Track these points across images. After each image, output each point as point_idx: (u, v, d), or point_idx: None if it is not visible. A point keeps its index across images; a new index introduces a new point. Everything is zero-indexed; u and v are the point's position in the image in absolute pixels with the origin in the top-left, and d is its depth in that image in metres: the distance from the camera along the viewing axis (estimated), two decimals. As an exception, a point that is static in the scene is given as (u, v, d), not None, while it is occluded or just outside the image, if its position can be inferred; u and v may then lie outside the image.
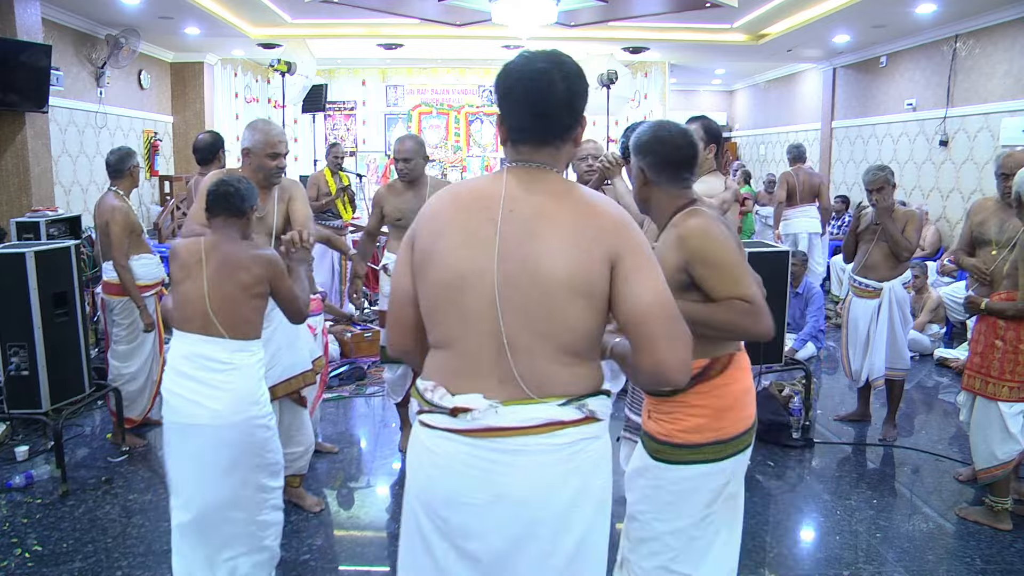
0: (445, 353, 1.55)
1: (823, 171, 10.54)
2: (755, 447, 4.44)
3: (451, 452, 1.51)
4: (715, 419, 1.95)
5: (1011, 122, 6.94)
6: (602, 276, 1.46)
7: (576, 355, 1.50)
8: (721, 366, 1.98)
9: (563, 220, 1.47)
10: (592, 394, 1.53)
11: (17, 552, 3.14)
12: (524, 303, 1.45)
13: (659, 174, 2.01)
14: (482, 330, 1.48)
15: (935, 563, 3.13)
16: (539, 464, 1.49)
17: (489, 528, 1.51)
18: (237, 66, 10.79)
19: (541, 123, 1.52)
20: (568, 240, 1.45)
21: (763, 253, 4.24)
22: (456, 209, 1.54)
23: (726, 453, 1.96)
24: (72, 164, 7.82)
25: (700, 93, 14.56)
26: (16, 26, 6.32)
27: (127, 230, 4.14)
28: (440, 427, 1.53)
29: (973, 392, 3.44)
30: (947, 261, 7.17)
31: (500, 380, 1.48)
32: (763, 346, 4.24)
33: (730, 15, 8.04)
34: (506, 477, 1.49)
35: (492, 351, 1.48)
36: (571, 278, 1.44)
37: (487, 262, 1.46)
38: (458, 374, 1.52)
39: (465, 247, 1.49)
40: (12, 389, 3.71)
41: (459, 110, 11.97)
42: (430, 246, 1.53)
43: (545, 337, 1.47)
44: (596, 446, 1.55)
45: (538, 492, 1.49)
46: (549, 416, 1.48)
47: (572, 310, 1.46)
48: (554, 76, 1.48)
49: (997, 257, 3.50)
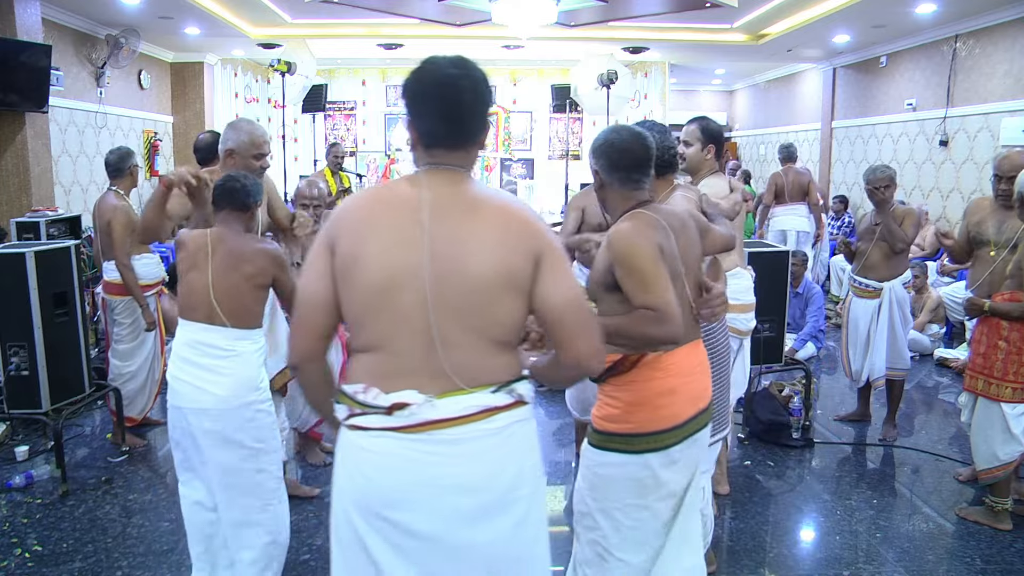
0: (375, 355, 1.58)
1: (823, 171, 10.55)
2: (755, 447, 4.47)
3: (390, 450, 1.54)
4: (626, 412, 2.06)
5: (1011, 122, 6.93)
6: (526, 272, 1.54)
7: (504, 345, 1.59)
8: (630, 363, 2.06)
9: (488, 219, 1.55)
10: (518, 379, 1.61)
11: (17, 552, 3.15)
12: (455, 300, 1.51)
13: (610, 176, 2.11)
14: (414, 329, 1.53)
15: (935, 563, 3.13)
16: (478, 451, 1.55)
17: (434, 521, 1.54)
18: (237, 66, 10.78)
19: (452, 128, 1.58)
20: (495, 238, 1.53)
21: (763, 253, 4.24)
22: (379, 213, 1.57)
23: (640, 447, 2.04)
24: (72, 164, 7.82)
25: (700, 93, 14.55)
26: (16, 26, 6.31)
27: (129, 229, 4.16)
28: (376, 427, 1.55)
29: (975, 393, 3.44)
30: (947, 261, 7.18)
31: (432, 376, 1.53)
32: (763, 346, 4.25)
33: (730, 15, 8.04)
34: (448, 468, 1.53)
35: (423, 348, 1.53)
36: (499, 274, 1.51)
37: (418, 262, 1.51)
38: (389, 374, 1.55)
39: (395, 249, 1.52)
40: (12, 389, 3.71)
41: (459, 110, 11.96)
42: (356, 250, 1.54)
43: (476, 331, 1.54)
44: (527, 428, 1.64)
45: (480, 478, 1.55)
46: (483, 403, 1.55)
47: (501, 305, 1.54)
48: (463, 82, 1.55)
49: (996, 258, 3.49)
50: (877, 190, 4.30)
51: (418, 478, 1.53)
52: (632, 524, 2.11)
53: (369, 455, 1.56)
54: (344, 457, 1.61)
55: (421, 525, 1.55)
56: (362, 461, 1.58)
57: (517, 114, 12.09)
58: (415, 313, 1.52)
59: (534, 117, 12.12)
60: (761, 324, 4.22)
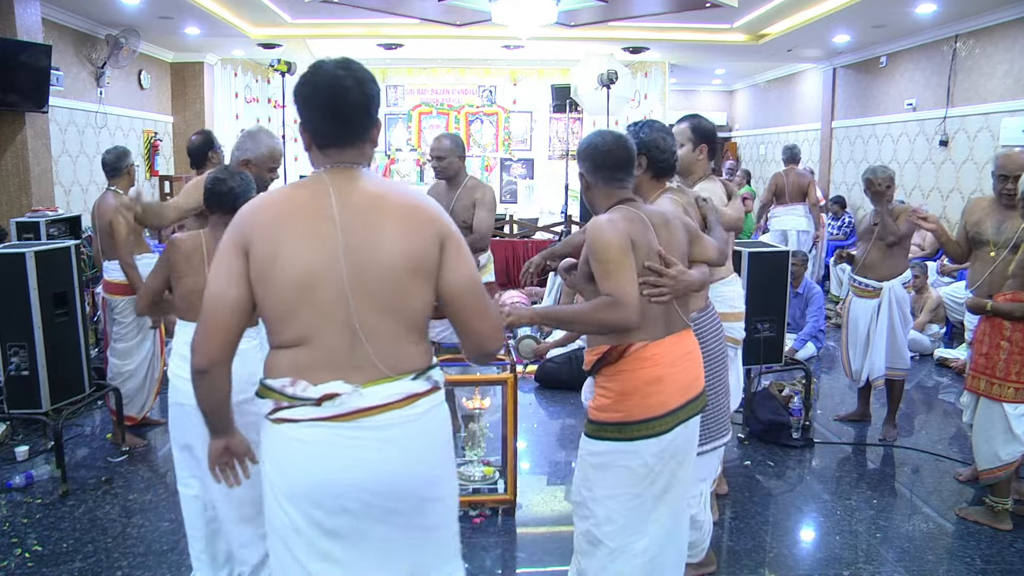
0: (299, 349, 1.63)
1: (823, 171, 10.55)
2: (755, 447, 4.47)
3: (321, 439, 1.61)
4: (618, 401, 2.14)
5: (1011, 122, 6.93)
6: (433, 256, 1.64)
7: (418, 332, 1.69)
8: (618, 354, 2.14)
9: (393, 210, 1.64)
10: (432, 367, 1.73)
11: (17, 552, 3.15)
12: (372, 289, 1.60)
13: (595, 176, 2.21)
14: (336, 321, 1.60)
15: (935, 563, 3.13)
16: (403, 435, 1.64)
17: (364, 502, 1.63)
18: (237, 66, 10.78)
19: (341, 127, 1.65)
20: (402, 226, 1.62)
21: (763, 253, 4.24)
22: (289, 213, 1.62)
23: (632, 435, 2.12)
24: (72, 164, 7.82)
25: (700, 93, 14.55)
26: (16, 26, 6.31)
27: (130, 228, 4.16)
28: (306, 418, 1.61)
29: (977, 393, 3.42)
30: (947, 261, 7.18)
31: (356, 366, 1.61)
32: (763, 346, 4.25)
33: (730, 15, 8.04)
34: (376, 452, 1.62)
35: (347, 340, 1.61)
36: (409, 260, 1.61)
37: (333, 257, 1.58)
38: (315, 366, 1.61)
39: (310, 245, 1.59)
40: (12, 389, 3.71)
41: (459, 110, 11.97)
42: (272, 250, 1.59)
43: (393, 318, 1.63)
44: (441, 412, 1.75)
45: (405, 461, 1.65)
46: (406, 390, 1.64)
47: (412, 288, 1.63)
48: (348, 82, 1.61)
49: (996, 258, 3.48)
50: (877, 188, 4.31)
51: (348, 463, 1.61)
52: (625, 512, 2.17)
53: (300, 445, 1.62)
54: (272, 450, 1.66)
55: (352, 507, 1.62)
56: (293, 452, 1.63)
57: (517, 114, 12.10)
58: (336, 306, 1.59)
59: (534, 117, 12.12)
60: (761, 324, 4.22)
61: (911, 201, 8.26)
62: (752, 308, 4.18)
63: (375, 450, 1.62)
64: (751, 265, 4.16)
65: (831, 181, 10.46)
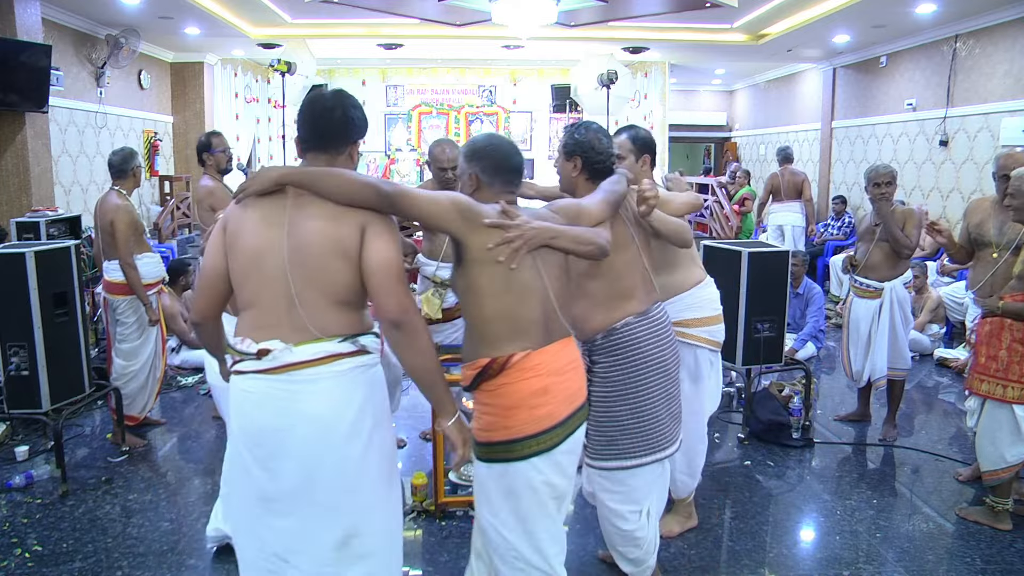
0: (250, 311, 1.97)
1: (823, 171, 10.56)
2: (755, 447, 4.46)
3: (260, 389, 1.93)
4: (503, 417, 2.05)
5: (1011, 122, 6.93)
6: (354, 240, 1.90)
7: (346, 303, 1.95)
8: (499, 366, 2.05)
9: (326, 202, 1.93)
10: (363, 333, 1.98)
11: (17, 552, 3.14)
12: (305, 264, 1.90)
13: (492, 177, 2.17)
14: (277, 290, 1.92)
15: (935, 563, 3.13)
16: (327, 388, 1.92)
17: (295, 446, 1.91)
18: (237, 66, 10.78)
19: (319, 137, 2.02)
20: (332, 215, 1.91)
21: (763, 253, 4.24)
22: (257, 200, 1.98)
23: (524, 452, 2.04)
24: (72, 164, 7.82)
25: (700, 93, 14.55)
26: (16, 26, 6.32)
27: (131, 228, 4.17)
28: (250, 370, 1.94)
29: (984, 396, 3.37)
30: (947, 261, 7.18)
31: (292, 328, 1.91)
32: (763, 346, 4.25)
33: (730, 15, 8.04)
34: (303, 403, 1.91)
35: (284, 306, 1.92)
36: (333, 242, 1.89)
37: (279, 236, 1.92)
38: (260, 327, 1.94)
39: (263, 225, 1.94)
40: (12, 389, 3.70)
41: (459, 110, 11.96)
42: (237, 227, 1.98)
43: (322, 290, 1.92)
44: (371, 372, 2.01)
45: (330, 410, 1.92)
46: (330, 350, 1.92)
47: (335, 266, 1.90)
48: (333, 103, 2.01)
49: (998, 260, 3.47)
50: (878, 186, 4.27)
51: (281, 410, 1.92)
52: (534, 529, 2.11)
53: (246, 394, 1.96)
54: (233, 397, 2.00)
55: (285, 449, 1.92)
56: (242, 399, 1.97)
57: (517, 114, 12.10)
58: (277, 276, 1.91)
59: (534, 117, 12.12)
60: (761, 324, 4.22)
61: (911, 201, 8.26)
62: (752, 308, 4.20)
63: (302, 399, 1.91)
64: (751, 265, 4.16)
65: (831, 181, 10.46)
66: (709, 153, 15.38)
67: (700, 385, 3.17)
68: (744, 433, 4.47)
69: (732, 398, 5.15)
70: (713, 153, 15.15)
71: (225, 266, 1.99)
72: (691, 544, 3.26)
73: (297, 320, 1.90)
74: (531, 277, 2.07)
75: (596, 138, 2.52)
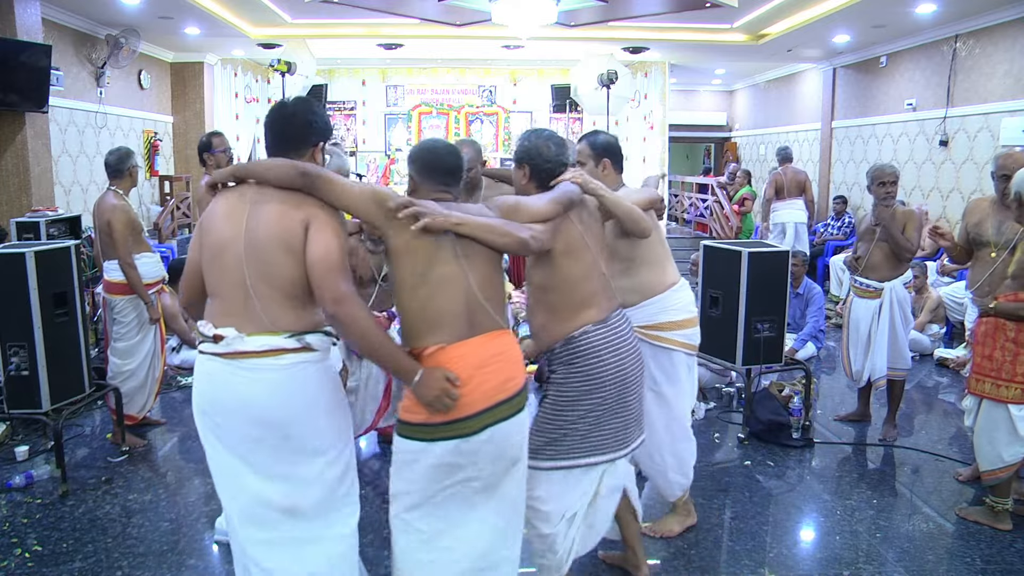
0: (214, 299, 2.15)
1: (823, 171, 10.56)
2: (755, 447, 4.46)
3: (215, 370, 2.11)
4: (420, 403, 2.12)
5: (1011, 122, 6.93)
6: (298, 235, 2.04)
7: (297, 299, 2.09)
8: (414, 356, 2.15)
9: (279, 197, 2.08)
10: (311, 332, 2.11)
11: (17, 552, 3.15)
12: (259, 259, 2.05)
13: (422, 178, 2.28)
14: (234, 281, 2.07)
15: (935, 563, 3.13)
16: (270, 379, 2.07)
17: (239, 425, 2.10)
18: (237, 66, 10.78)
19: (280, 140, 2.20)
20: (281, 211, 2.06)
21: (763, 253, 4.24)
22: (225, 197, 2.17)
23: (436, 435, 2.13)
24: (72, 164, 7.82)
25: (700, 93, 14.55)
26: (16, 26, 6.32)
27: (129, 228, 4.16)
28: (208, 352, 2.10)
29: (981, 396, 3.38)
30: (947, 261, 7.17)
31: (247, 318, 2.06)
32: (763, 346, 4.25)
33: (730, 15, 8.04)
34: (247, 388, 2.07)
35: (241, 297, 2.07)
36: (280, 239, 2.04)
37: (238, 232, 2.07)
38: (220, 314, 2.11)
39: (226, 221, 2.11)
40: (12, 389, 3.70)
41: (459, 110, 11.97)
42: (205, 223, 2.17)
43: (272, 284, 2.06)
44: (314, 368, 2.13)
45: (273, 400, 2.08)
46: (276, 344, 2.06)
47: (282, 260, 2.04)
48: (292, 109, 2.21)
49: (997, 259, 3.47)
50: (883, 185, 4.27)
51: (230, 393, 2.09)
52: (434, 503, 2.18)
53: (203, 374, 2.14)
54: (195, 375, 2.18)
55: (231, 426, 2.11)
56: (199, 377, 2.16)
57: (517, 114, 12.10)
58: (235, 269, 2.07)
59: (534, 117, 12.12)
60: (761, 324, 4.22)
61: (911, 201, 8.26)
62: (752, 308, 4.20)
63: (245, 386, 2.07)
64: (751, 265, 4.16)
65: (831, 181, 10.46)
66: (709, 153, 15.39)
67: (678, 388, 3.12)
68: (744, 433, 4.47)
69: (732, 398, 5.15)
70: (713, 153, 15.15)
71: (198, 259, 2.18)
72: (691, 544, 3.26)
73: (252, 311, 2.06)
74: (451, 270, 2.13)
75: (545, 145, 2.50)
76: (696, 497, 3.58)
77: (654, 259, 3.02)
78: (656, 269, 3.04)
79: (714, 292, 4.38)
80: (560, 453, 2.52)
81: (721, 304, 4.33)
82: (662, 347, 3.04)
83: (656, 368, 3.05)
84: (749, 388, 4.44)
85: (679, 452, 3.19)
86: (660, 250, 3.05)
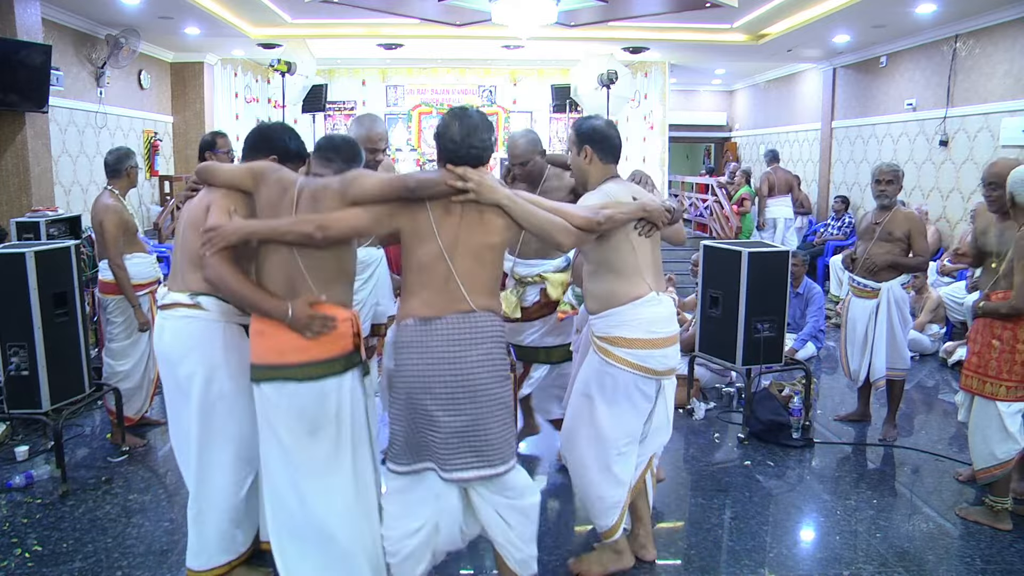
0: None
1: (823, 171, 10.57)
2: (755, 447, 4.45)
3: (158, 320, 2.75)
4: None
5: (1011, 122, 6.93)
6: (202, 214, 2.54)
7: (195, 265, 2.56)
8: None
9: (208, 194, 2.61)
10: (206, 294, 2.61)
11: (17, 552, 3.15)
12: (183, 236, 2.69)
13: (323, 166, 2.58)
14: (176, 251, 2.75)
15: (935, 563, 3.13)
16: (171, 327, 2.68)
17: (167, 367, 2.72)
18: (237, 66, 10.78)
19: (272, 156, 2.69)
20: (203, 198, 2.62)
21: (763, 253, 4.24)
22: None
23: (255, 376, 2.46)
24: (72, 164, 7.82)
25: (700, 93, 14.54)
26: (16, 26, 6.31)
27: (120, 229, 4.14)
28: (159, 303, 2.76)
29: (971, 392, 3.44)
30: (947, 261, 7.18)
31: (176, 279, 2.72)
32: (763, 346, 4.25)
33: (730, 15, 8.04)
34: (165, 334, 2.69)
35: (177, 262, 2.73)
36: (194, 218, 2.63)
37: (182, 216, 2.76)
38: (171, 276, 2.78)
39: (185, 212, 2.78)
40: (12, 389, 3.70)
41: (459, 110, 11.95)
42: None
43: (185, 254, 2.67)
44: (201, 323, 2.64)
45: (176, 346, 2.67)
46: (177, 299, 2.67)
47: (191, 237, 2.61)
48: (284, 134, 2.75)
49: (997, 270, 3.45)
50: (879, 183, 4.32)
51: (160, 337, 2.72)
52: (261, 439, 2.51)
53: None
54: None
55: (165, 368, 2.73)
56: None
57: (517, 114, 12.09)
58: (177, 243, 2.75)
59: (534, 117, 12.11)
60: (761, 324, 4.22)
61: (911, 201, 8.26)
62: (752, 308, 4.20)
63: (165, 332, 2.69)
64: (751, 265, 4.16)
65: (831, 181, 10.46)
66: (709, 153, 15.38)
67: (614, 410, 2.77)
68: (744, 433, 4.47)
69: (732, 398, 5.15)
70: (713, 153, 15.15)
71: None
72: (691, 544, 3.26)
73: (177, 273, 2.70)
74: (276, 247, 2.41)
75: (452, 124, 2.35)
76: (696, 497, 3.58)
77: (622, 268, 2.74)
78: (622, 279, 2.74)
79: (714, 292, 4.38)
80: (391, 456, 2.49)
81: (721, 304, 4.33)
82: (608, 363, 2.75)
83: (594, 379, 2.80)
84: (749, 388, 4.45)
85: (585, 483, 2.87)
86: (631, 259, 2.74)
